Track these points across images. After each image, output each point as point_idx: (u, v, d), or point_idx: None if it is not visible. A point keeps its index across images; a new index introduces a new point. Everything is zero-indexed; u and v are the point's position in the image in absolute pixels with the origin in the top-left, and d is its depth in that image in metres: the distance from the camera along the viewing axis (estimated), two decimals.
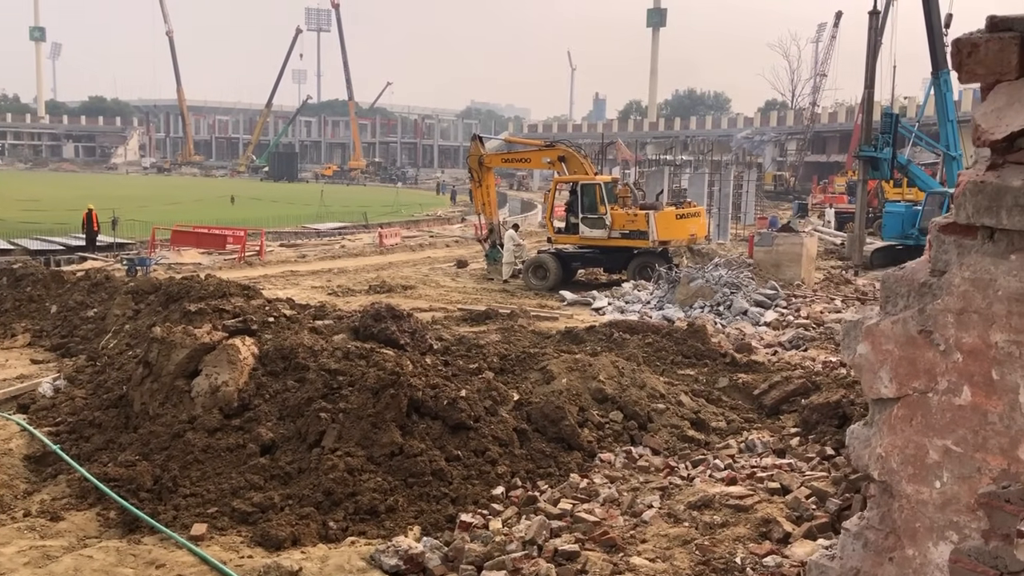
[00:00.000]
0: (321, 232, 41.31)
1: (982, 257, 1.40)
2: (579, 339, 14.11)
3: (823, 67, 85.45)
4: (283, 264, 29.10)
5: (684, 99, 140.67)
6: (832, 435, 9.64)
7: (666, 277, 21.14)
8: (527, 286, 24.26)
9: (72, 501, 8.17)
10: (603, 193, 24.37)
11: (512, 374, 11.48)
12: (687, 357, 13.64)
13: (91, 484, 8.25)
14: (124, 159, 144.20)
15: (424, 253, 33.93)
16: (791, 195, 70.33)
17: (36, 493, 8.45)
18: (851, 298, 21.81)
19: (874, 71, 31.52)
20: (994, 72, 1.44)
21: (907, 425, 1.49)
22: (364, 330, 10.91)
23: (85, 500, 8.16)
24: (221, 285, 13.05)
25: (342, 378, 9.38)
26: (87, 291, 17.22)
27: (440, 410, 9.03)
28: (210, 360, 9.60)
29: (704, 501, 7.97)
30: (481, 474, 8.64)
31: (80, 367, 12.54)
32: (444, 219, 52.07)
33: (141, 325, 13.27)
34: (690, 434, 10.24)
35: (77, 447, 9.40)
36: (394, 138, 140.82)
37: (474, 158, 26.92)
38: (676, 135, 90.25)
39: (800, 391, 11.61)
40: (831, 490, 7.92)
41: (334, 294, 22.29)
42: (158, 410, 9.37)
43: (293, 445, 8.78)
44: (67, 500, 8.20)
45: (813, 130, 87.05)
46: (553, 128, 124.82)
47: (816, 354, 15.22)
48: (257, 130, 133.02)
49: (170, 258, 29.19)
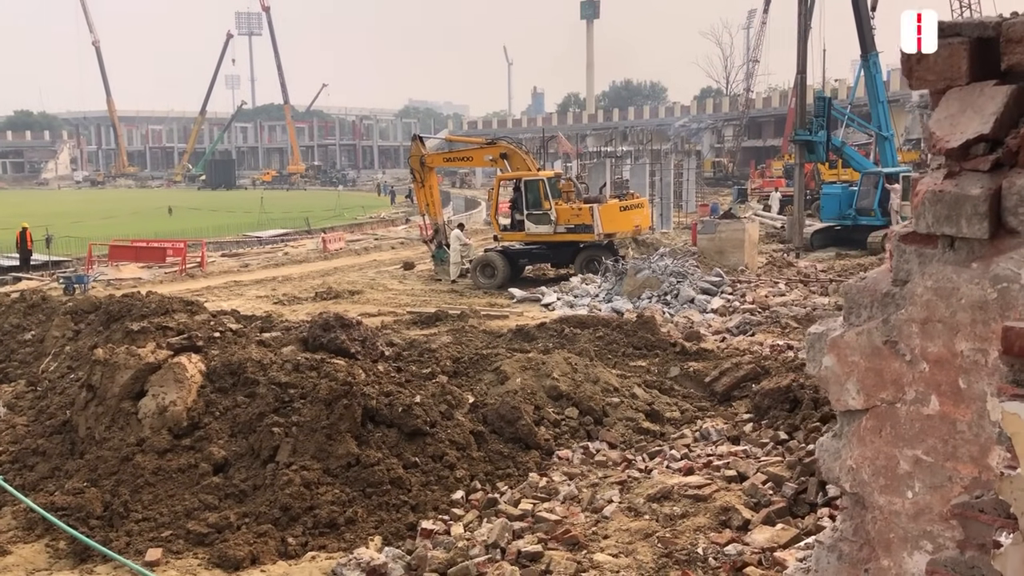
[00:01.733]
0: (263, 240, 40.68)
1: (944, 266, 1.40)
2: (531, 337, 14.12)
3: (755, 53, 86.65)
4: (226, 274, 28.59)
5: (621, 90, 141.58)
6: (784, 419, 9.79)
7: (613, 269, 21.26)
8: (476, 285, 24.20)
9: (19, 533, 7.92)
10: (547, 189, 24.42)
11: (466, 376, 11.44)
12: (638, 348, 13.74)
13: (38, 515, 7.99)
14: (55, 174, 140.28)
15: (369, 256, 33.64)
16: (730, 181, 71.24)
17: None
18: (794, 281, 22.18)
19: (805, 56, 32.02)
20: (944, 78, 1.44)
21: (876, 436, 1.49)
22: (313, 340, 10.75)
23: (32, 531, 7.93)
24: (164, 302, 12.76)
25: (293, 391, 9.24)
26: (23, 313, 16.69)
27: (395, 417, 8.95)
28: (156, 380, 9.38)
29: (663, 493, 8.03)
30: (440, 479, 8.59)
31: (19, 393, 12.16)
32: (388, 221, 51.71)
33: (82, 346, 12.91)
34: (645, 426, 10.32)
35: (21, 477, 9.11)
36: (332, 140, 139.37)
37: (415, 159, 26.74)
38: (615, 126, 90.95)
39: (750, 376, 11.77)
40: (787, 475, 8.04)
41: (280, 303, 21.97)
42: (104, 434, 9.13)
43: (247, 462, 8.63)
44: (13, 533, 7.95)
45: (748, 116, 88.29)
46: (493, 124, 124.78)
47: (764, 338, 15.45)
48: (192, 138, 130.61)
49: (109, 274, 28.49)
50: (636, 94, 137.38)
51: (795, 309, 17.82)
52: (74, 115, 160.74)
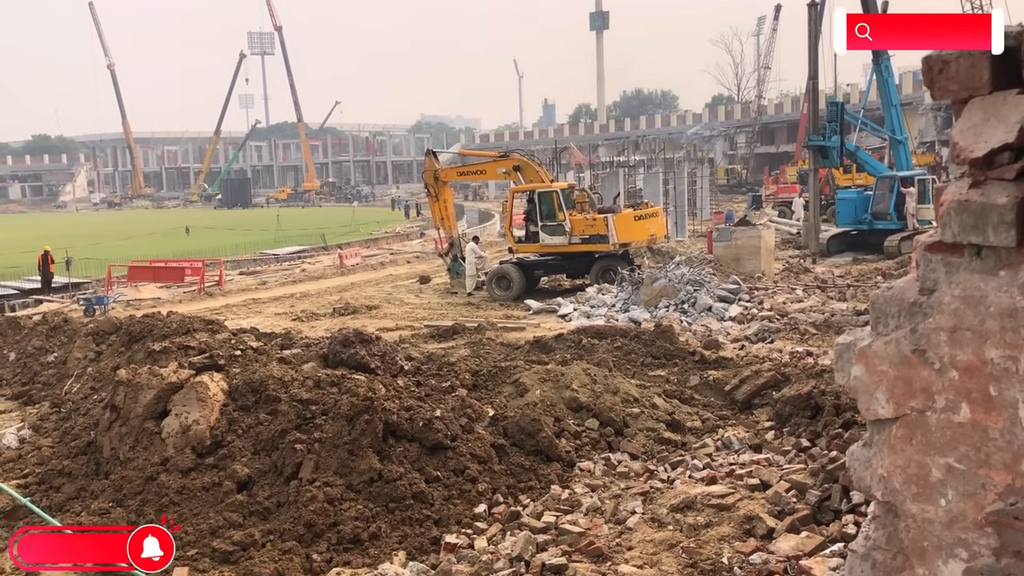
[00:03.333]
0: (280, 257, 40.90)
1: (971, 274, 1.41)
2: (548, 348, 14.12)
3: (766, 60, 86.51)
4: (244, 292, 28.76)
5: (632, 99, 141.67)
6: (806, 426, 9.74)
7: (629, 279, 21.25)
8: (491, 297, 24.23)
9: None
10: (560, 200, 24.45)
11: (485, 389, 11.45)
12: (657, 358, 13.70)
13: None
14: (73, 196, 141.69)
15: (386, 271, 33.75)
16: (744, 188, 71.06)
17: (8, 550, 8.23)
18: (812, 286, 22.09)
19: (816, 61, 32.02)
20: (967, 87, 1.46)
21: (907, 444, 1.49)
22: (333, 356, 10.81)
23: None
24: (184, 321, 12.86)
25: (315, 407, 9.29)
26: (45, 335, 16.90)
27: (416, 432, 8.97)
28: (179, 399, 9.45)
29: (686, 503, 8.00)
30: (462, 493, 8.60)
31: (44, 415, 12.29)
32: (403, 235, 51.87)
33: (104, 367, 13.04)
34: (667, 436, 10.29)
35: (47, 498, 9.19)
36: (347, 157, 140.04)
37: (429, 173, 26.85)
38: (627, 136, 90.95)
39: (771, 384, 11.73)
40: (810, 482, 8.00)
41: (298, 319, 22.08)
42: (128, 454, 9.20)
43: (270, 479, 8.66)
44: None
45: (761, 122, 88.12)
46: (505, 137, 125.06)
47: (783, 345, 15.38)
48: (207, 158, 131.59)
49: (128, 295, 28.71)
50: (647, 103, 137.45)
51: (813, 315, 17.75)
52: (91, 138, 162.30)
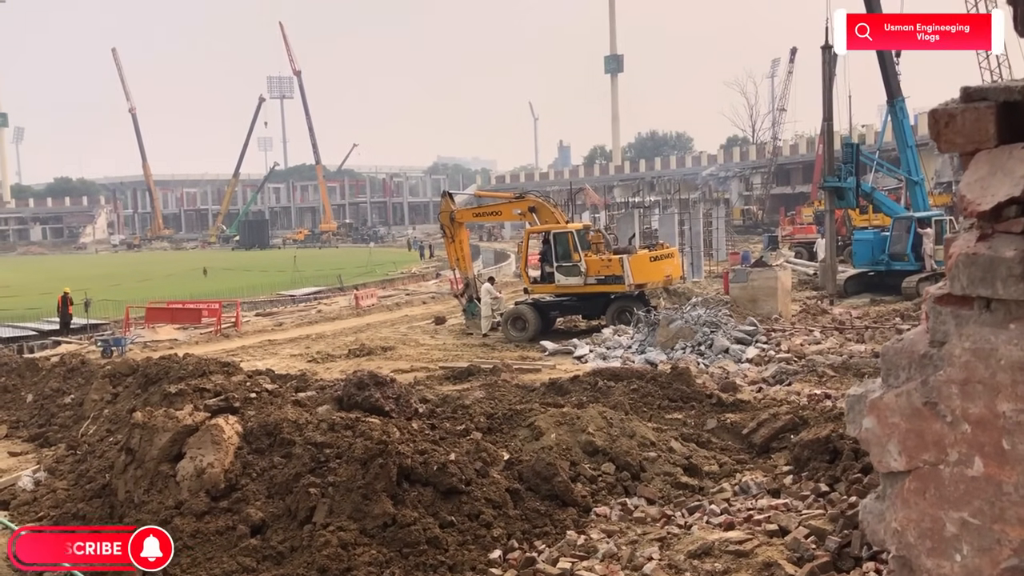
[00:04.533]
0: (297, 298, 41.08)
1: (981, 327, 1.41)
2: (564, 390, 14.06)
3: (782, 101, 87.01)
4: (260, 334, 28.86)
5: (647, 141, 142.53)
6: (825, 471, 9.63)
7: (645, 320, 21.20)
8: (507, 338, 24.20)
9: None
10: (576, 240, 24.51)
11: (500, 432, 11.39)
12: (673, 401, 13.62)
13: None
14: (93, 238, 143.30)
15: (401, 312, 33.81)
16: (760, 228, 71.09)
17: None
18: (829, 328, 21.95)
19: (831, 103, 32.16)
20: (973, 141, 1.47)
21: (921, 498, 1.48)
22: (348, 399, 10.80)
23: None
24: (200, 363, 12.91)
25: (329, 451, 9.27)
26: (63, 377, 16.99)
27: (430, 476, 8.92)
28: (194, 442, 9.45)
29: (704, 549, 7.90)
30: (477, 538, 8.52)
31: (60, 457, 12.30)
32: (419, 276, 52.05)
33: (120, 409, 13.08)
34: (684, 480, 10.18)
35: None
36: (363, 198, 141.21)
37: (445, 214, 27.02)
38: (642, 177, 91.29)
39: (789, 427, 11.62)
40: (829, 528, 7.88)
41: (314, 361, 22.11)
42: (143, 497, 9.19)
43: (284, 523, 8.62)
44: None
45: (776, 163, 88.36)
46: (520, 178, 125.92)
47: (800, 387, 15.26)
48: (226, 200, 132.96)
49: (145, 336, 28.87)
50: (662, 144, 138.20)
51: (832, 357, 17.62)
52: (111, 180, 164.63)
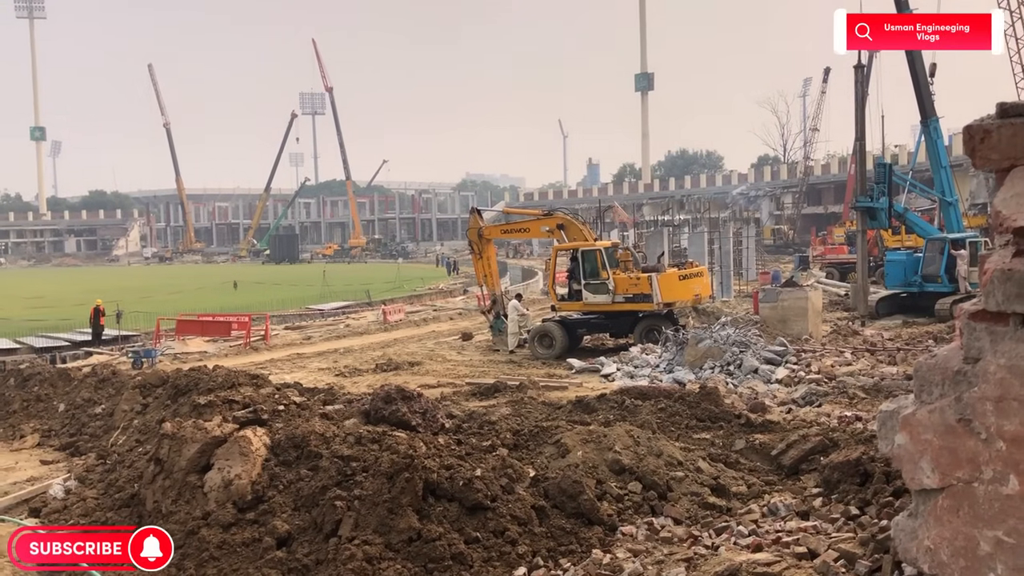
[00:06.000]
0: (325, 312, 41.35)
1: (1016, 344, 1.39)
2: (591, 408, 14.00)
3: (814, 121, 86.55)
4: (289, 347, 29.07)
5: (677, 159, 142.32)
6: (855, 493, 9.49)
7: (674, 339, 21.08)
8: (533, 355, 24.18)
9: None
10: (604, 258, 24.47)
11: (526, 449, 11.35)
12: (701, 420, 13.51)
13: None
14: (126, 250, 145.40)
15: (428, 327, 33.92)
16: (791, 248, 70.61)
17: None
18: (860, 349, 21.71)
19: (863, 123, 31.95)
20: (1008, 157, 1.46)
21: (954, 516, 1.46)
22: (375, 413, 10.84)
23: None
24: (230, 375, 13.02)
25: (356, 464, 9.28)
26: (94, 387, 17.20)
27: (456, 491, 8.91)
28: (222, 453, 9.52)
29: (731, 571, 7.80)
30: (501, 555, 8.48)
31: (90, 466, 12.44)
32: (446, 292, 52.21)
33: (150, 420, 13.21)
34: (711, 501, 10.08)
35: None
36: (392, 214, 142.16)
37: (473, 231, 27.13)
38: (672, 195, 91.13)
39: (818, 449, 11.47)
40: (859, 551, 7.76)
41: (341, 375, 22.22)
42: (171, 507, 9.26)
43: (310, 536, 8.64)
44: None
45: (807, 182, 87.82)
46: (549, 195, 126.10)
47: (831, 409, 15.09)
48: (257, 214, 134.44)
49: (175, 348, 29.19)
50: (692, 163, 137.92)
51: (863, 379, 17.41)
52: (145, 194, 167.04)
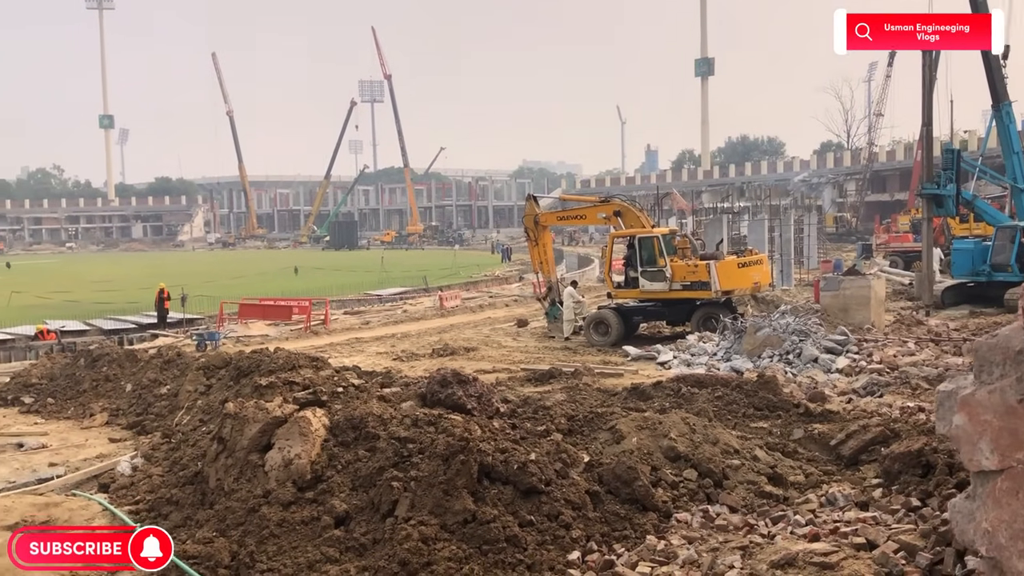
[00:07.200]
0: (383, 298, 41.81)
1: None
2: (646, 395, 13.95)
3: (879, 106, 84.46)
4: (348, 331, 29.48)
5: (737, 145, 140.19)
6: (917, 485, 9.30)
7: (732, 327, 20.85)
8: (589, 342, 24.13)
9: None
10: (661, 245, 24.26)
11: (580, 435, 11.36)
12: (759, 409, 13.37)
13: (171, 563, 8.33)
14: (190, 236, 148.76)
15: (484, 314, 34.06)
16: (854, 236, 69.19)
17: (119, 573, 8.55)
18: (924, 339, 21.20)
19: (931, 107, 31.05)
20: None
21: (1013, 498, 1.44)
22: (431, 396, 10.95)
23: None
24: (290, 358, 13.26)
25: (412, 446, 9.40)
26: (160, 368, 17.65)
27: (511, 475, 8.96)
28: (282, 433, 9.71)
29: (787, 560, 7.72)
30: (555, 539, 8.51)
31: (156, 445, 12.80)
32: (502, 279, 52.32)
33: (213, 400, 13.53)
34: (768, 489, 9.98)
35: (156, 525, 9.53)
36: (449, 201, 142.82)
37: (529, 218, 27.11)
38: (732, 182, 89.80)
39: (879, 439, 11.27)
40: (920, 544, 7.61)
41: (399, 359, 22.46)
42: (233, 485, 9.48)
43: (367, 515, 8.78)
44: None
45: (872, 169, 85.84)
46: (606, 182, 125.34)
47: (892, 400, 14.80)
48: (317, 201, 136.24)
49: (238, 331, 29.79)
50: (753, 149, 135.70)
51: (926, 369, 17.01)
52: (209, 181, 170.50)
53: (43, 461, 13.46)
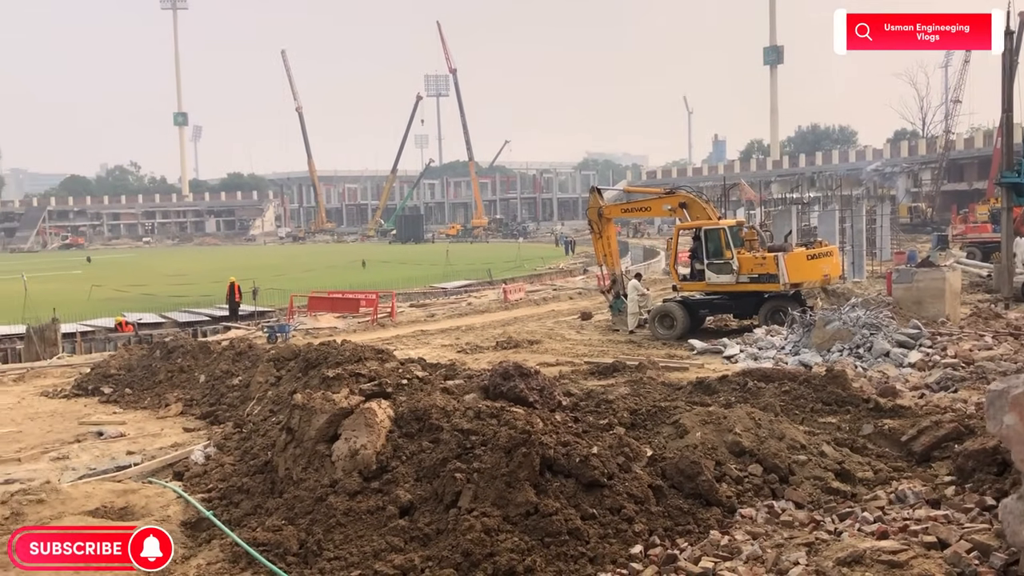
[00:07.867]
0: (448, 291, 42.20)
1: None
2: (711, 390, 13.80)
3: (956, 93, 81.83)
4: (413, 324, 29.80)
5: (808, 135, 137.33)
6: (991, 484, 9.05)
7: (800, 321, 20.49)
8: (654, 336, 23.97)
9: (225, 566, 8.49)
10: (728, 237, 23.94)
11: (643, 429, 11.31)
12: (827, 404, 13.12)
13: (242, 549, 8.57)
14: (261, 230, 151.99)
15: (548, 307, 34.08)
16: (929, 227, 67.24)
17: (192, 558, 8.84)
18: (1002, 333, 20.53)
19: (1011, 93, 29.94)
20: None
21: None
22: (494, 389, 11.02)
23: (237, 564, 8.47)
24: (357, 350, 13.46)
25: (475, 438, 9.48)
26: (232, 360, 18.10)
27: (573, 468, 8.97)
28: (348, 424, 9.88)
29: (854, 557, 7.58)
30: (618, 532, 8.51)
31: (228, 434, 13.12)
32: (566, 272, 52.26)
33: (283, 391, 13.82)
34: (835, 486, 9.80)
35: (228, 512, 9.81)
36: (514, 194, 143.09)
37: (593, 210, 27.00)
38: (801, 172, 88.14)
39: (952, 436, 10.97)
40: (995, 543, 7.40)
41: (463, 351, 22.63)
42: (301, 475, 9.69)
43: (430, 506, 8.89)
44: (221, 565, 8.53)
45: (948, 158, 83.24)
46: (672, 173, 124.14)
47: (967, 395, 14.39)
48: (384, 195, 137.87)
49: (307, 324, 30.36)
50: (823, 138, 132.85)
51: (1004, 364, 16.48)
52: (279, 176, 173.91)
53: (121, 449, 13.95)
